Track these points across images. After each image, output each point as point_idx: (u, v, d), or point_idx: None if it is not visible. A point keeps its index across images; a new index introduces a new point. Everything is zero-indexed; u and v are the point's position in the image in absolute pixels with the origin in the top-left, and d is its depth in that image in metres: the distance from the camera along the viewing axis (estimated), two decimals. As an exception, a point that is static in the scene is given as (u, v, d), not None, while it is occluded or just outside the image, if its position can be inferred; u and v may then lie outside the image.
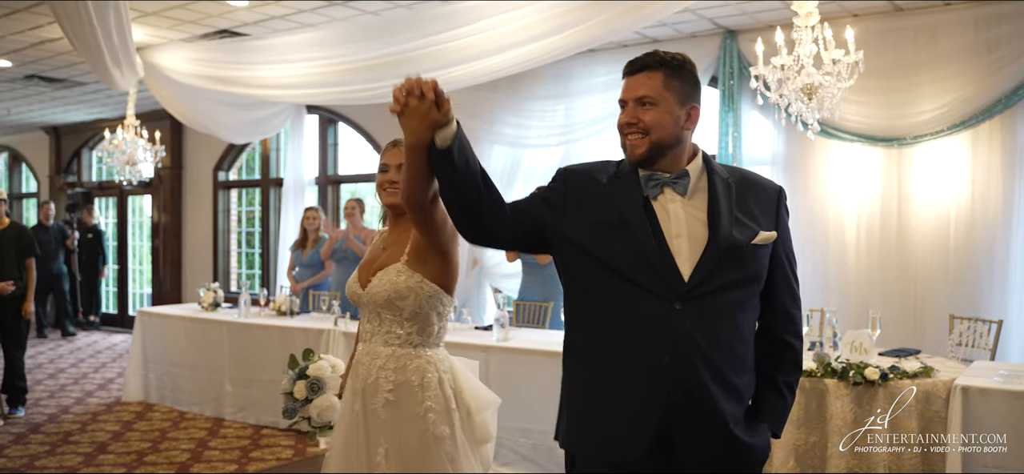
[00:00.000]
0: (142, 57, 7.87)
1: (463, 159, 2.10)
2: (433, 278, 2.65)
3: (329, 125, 10.22)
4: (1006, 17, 6.02)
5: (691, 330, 2.05)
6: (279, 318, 6.75)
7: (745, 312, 2.16)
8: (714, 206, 2.12)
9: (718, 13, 6.61)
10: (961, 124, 6.17)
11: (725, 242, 2.08)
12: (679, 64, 2.17)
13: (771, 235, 2.17)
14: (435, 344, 2.71)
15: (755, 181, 2.24)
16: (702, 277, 2.07)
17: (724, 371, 2.09)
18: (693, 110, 2.17)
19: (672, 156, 2.15)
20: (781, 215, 2.23)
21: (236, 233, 11.51)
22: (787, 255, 2.24)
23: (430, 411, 2.61)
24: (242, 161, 11.49)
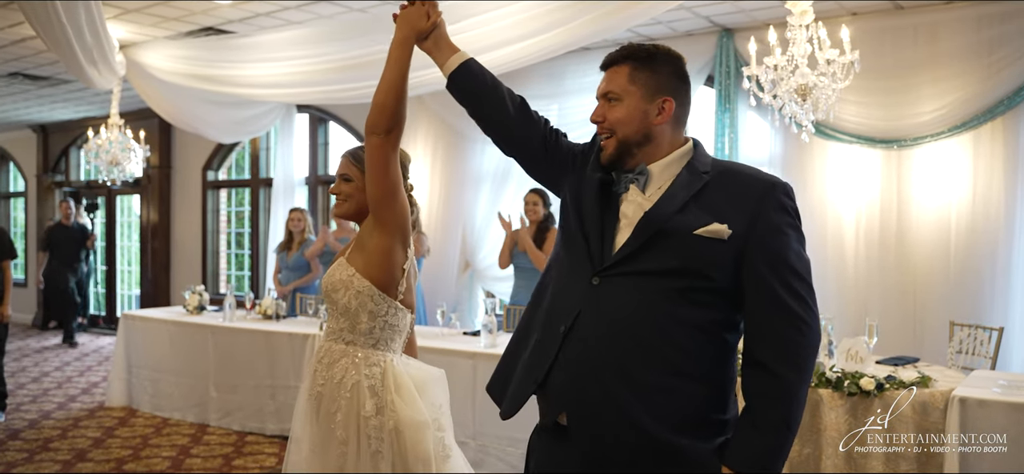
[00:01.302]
0: (125, 55, 7.79)
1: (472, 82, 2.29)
2: (366, 274, 2.60)
3: (320, 124, 10.15)
4: (1008, 16, 5.94)
5: (598, 305, 2.01)
6: (265, 322, 6.68)
7: (679, 306, 1.96)
8: (664, 194, 2.04)
9: (714, 11, 6.53)
10: (962, 126, 6.09)
11: (655, 223, 1.99)
12: (647, 55, 2.08)
13: (720, 228, 1.95)
14: (368, 344, 2.63)
15: (739, 174, 2.07)
16: (623, 256, 2.01)
17: (627, 359, 1.95)
18: (666, 104, 2.05)
19: (643, 154, 2.07)
20: (762, 213, 1.98)
21: (225, 234, 11.44)
22: (771, 261, 1.96)
23: (339, 412, 2.57)
24: (231, 161, 11.41)
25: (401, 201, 2.59)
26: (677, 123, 2.10)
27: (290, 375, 6.16)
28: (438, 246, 8.38)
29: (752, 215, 1.97)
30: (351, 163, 2.75)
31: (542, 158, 2.28)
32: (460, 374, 5.17)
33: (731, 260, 1.97)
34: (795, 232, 2.01)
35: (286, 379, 6.20)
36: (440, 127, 8.62)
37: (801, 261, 1.99)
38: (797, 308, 1.95)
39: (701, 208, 1.99)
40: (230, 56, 7.38)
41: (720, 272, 1.97)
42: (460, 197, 8.52)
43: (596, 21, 5.71)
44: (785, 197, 2.01)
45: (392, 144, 2.48)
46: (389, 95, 2.45)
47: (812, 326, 1.97)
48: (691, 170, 2.06)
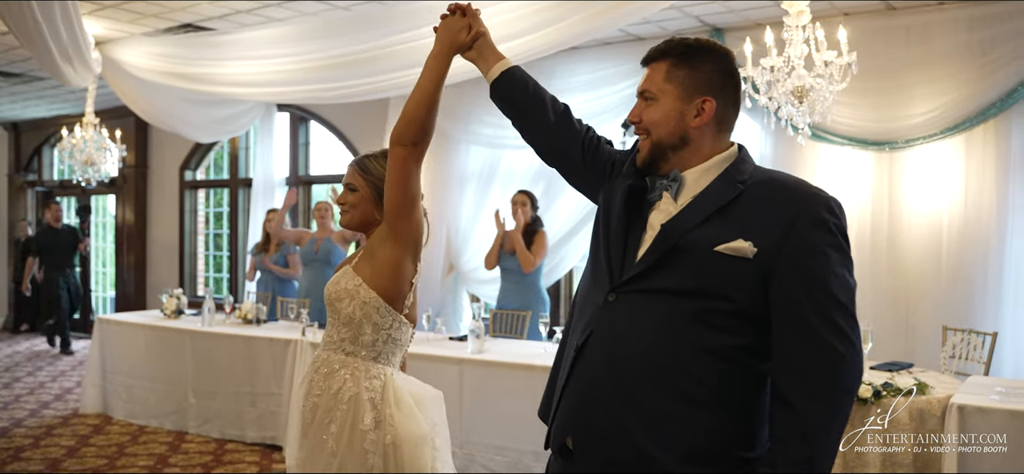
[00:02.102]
0: (101, 52, 7.68)
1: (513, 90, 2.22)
2: (373, 285, 2.55)
3: (300, 123, 10.05)
4: (1001, 17, 5.93)
5: (610, 324, 1.90)
6: (245, 326, 6.58)
7: (695, 329, 1.81)
8: (688, 205, 1.90)
9: (704, 10, 6.50)
10: (954, 127, 6.08)
11: (672, 236, 1.85)
12: (687, 51, 1.95)
13: (744, 246, 1.79)
14: (369, 357, 2.57)
15: (777, 186, 1.88)
16: (640, 271, 1.88)
17: (636, 384, 1.83)
18: (705, 104, 1.90)
19: (678, 158, 1.94)
20: (796, 230, 1.79)
21: (203, 235, 11.31)
22: (804, 284, 1.77)
23: (334, 423, 2.52)
24: (210, 160, 11.29)
25: (418, 214, 2.54)
26: (720, 126, 1.95)
27: (271, 381, 6.07)
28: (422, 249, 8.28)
29: (784, 232, 1.80)
30: (357, 173, 2.70)
31: (581, 167, 2.20)
32: (447, 380, 5.10)
33: (757, 281, 1.80)
34: (837, 253, 1.80)
35: (267, 386, 6.10)
36: (423, 126, 8.52)
37: (841, 286, 1.79)
38: (832, 338, 1.76)
39: (727, 222, 1.84)
40: (210, 54, 7.28)
41: (743, 294, 1.81)
42: (444, 198, 8.44)
43: (586, 21, 5.66)
44: (826, 213, 1.81)
45: (417, 157, 2.42)
46: (420, 107, 2.38)
47: (849, 359, 1.76)
48: (726, 179, 1.90)
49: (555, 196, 7.71)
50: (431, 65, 2.36)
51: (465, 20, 2.31)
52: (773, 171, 1.96)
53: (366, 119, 8.97)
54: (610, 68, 7.49)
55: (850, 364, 1.76)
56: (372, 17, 6.53)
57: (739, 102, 2.01)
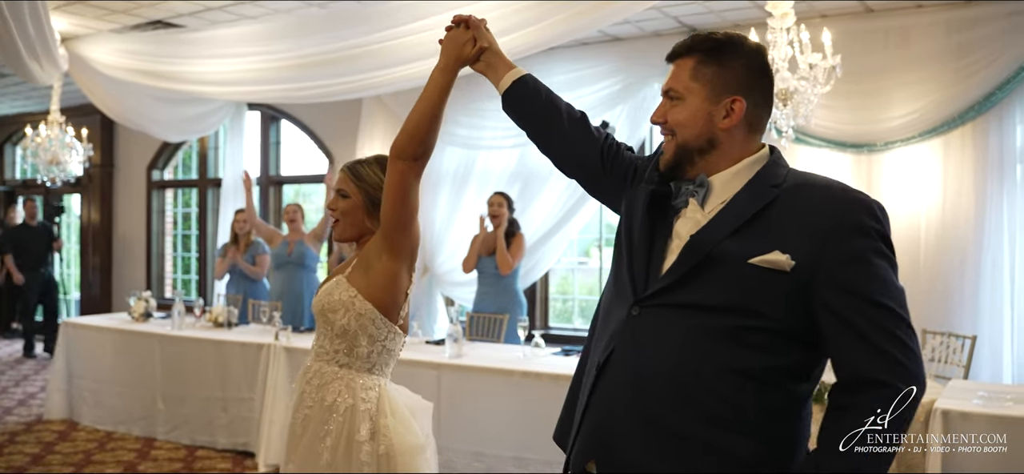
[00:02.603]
0: (67, 49, 7.53)
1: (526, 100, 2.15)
2: (369, 297, 2.52)
3: (271, 123, 9.93)
4: (978, 21, 5.99)
5: (634, 341, 1.80)
6: (215, 330, 6.48)
7: (725, 348, 1.71)
8: (719, 213, 1.79)
9: (683, 11, 6.49)
10: (932, 130, 6.13)
11: (702, 248, 1.75)
12: (715, 47, 1.84)
13: (780, 258, 1.68)
14: (365, 369, 2.55)
15: (814, 190, 1.76)
16: (666, 285, 1.78)
17: (660, 406, 1.73)
18: (735, 104, 1.80)
19: (706, 162, 1.84)
20: (834, 237, 1.68)
21: (171, 236, 11.15)
22: (848, 295, 1.66)
23: (329, 436, 2.50)
24: (178, 160, 11.13)
25: (416, 227, 2.53)
26: (750, 127, 1.85)
27: (243, 386, 5.98)
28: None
29: (822, 241, 1.68)
30: (350, 179, 2.66)
31: (601, 176, 2.11)
32: (424, 385, 5.03)
33: (796, 296, 1.69)
34: (881, 258, 1.69)
35: (239, 391, 6.00)
36: (397, 127, 8.33)
37: (890, 291, 1.68)
38: (890, 347, 1.65)
39: (760, 232, 1.73)
40: (180, 51, 7.16)
41: (779, 309, 1.70)
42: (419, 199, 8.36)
43: (566, 21, 5.62)
44: (868, 217, 1.70)
45: (417, 171, 2.39)
46: (422, 122, 2.33)
47: (911, 370, 1.65)
48: (757, 184, 1.79)
49: (531, 198, 7.68)
50: (435, 79, 2.29)
51: (469, 33, 2.22)
52: (809, 174, 1.84)
53: (339, 119, 8.89)
54: (587, 68, 7.47)
55: (910, 372, 1.65)
56: (347, 16, 6.45)
57: (771, 101, 1.90)
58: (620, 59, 7.28)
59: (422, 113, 2.31)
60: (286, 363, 5.71)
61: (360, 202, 2.62)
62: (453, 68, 2.26)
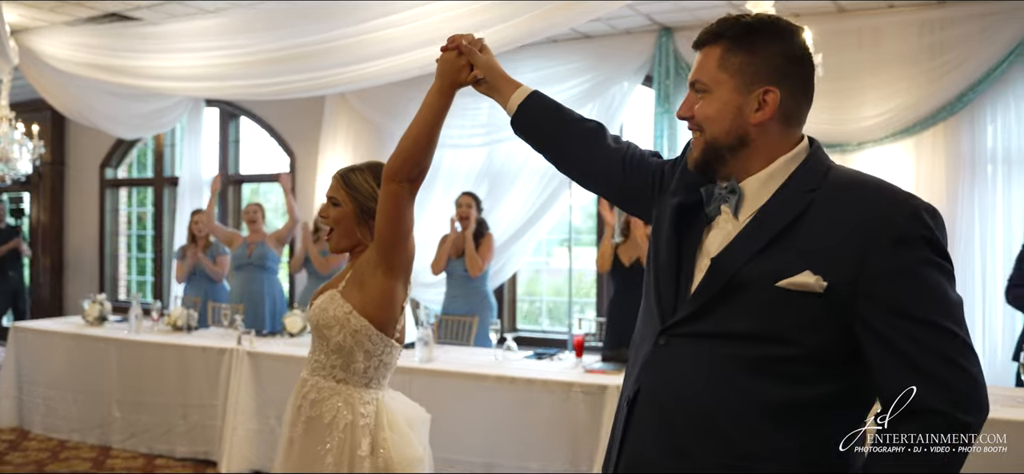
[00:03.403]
0: (18, 42, 7.31)
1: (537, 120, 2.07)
2: (364, 312, 2.48)
3: (230, 120, 9.74)
4: (950, 22, 6.04)
5: (661, 375, 1.68)
6: (174, 334, 6.31)
7: (756, 379, 1.57)
8: (746, 226, 1.64)
9: (655, 8, 6.46)
10: (905, 131, 6.18)
11: (725, 270, 1.60)
12: (745, 32, 1.65)
13: (810, 280, 1.53)
14: (361, 383, 2.53)
15: (855, 192, 1.58)
16: (691, 312, 1.64)
17: (691, 447, 1.61)
18: (768, 95, 1.63)
19: (738, 162, 1.67)
20: (875, 249, 1.51)
21: (125, 236, 10.89)
22: (898, 317, 1.50)
23: (329, 454, 2.47)
24: (132, 157, 10.87)
25: (411, 244, 2.50)
26: (787, 121, 1.66)
27: (204, 393, 5.82)
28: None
29: (861, 255, 1.51)
30: (341, 186, 2.61)
31: (625, 189, 1.99)
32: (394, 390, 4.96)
33: (833, 318, 1.54)
34: (929, 269, 1.50)
35: (200, 397, 5.85)
36: (362, 126, 8.36)
37: (941, 307, 1.50)
38: (940, 371, 1.49)
39: (792, 247, 1.57)
40: (137, 45, 6.98)
41: (814, 336, 1.55)
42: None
43: (536, 19, 5.56)
44: (913, 224, 1.51)
45: (412, 192, 2.36)
46: (417, 145, 2.27)
47: (970, 396, 1.48)
48: (791, 189, 1.62)
49: (499, 198, 7.62)
50: (431, 102, 2.23)
51: (463, 59, 2.14)
52: (850, 172, 1.66)
53: (301, 116, 8.75)
54: (557, 66, 7.42)
55: (967, 397, 1.48)
56: (310, 11, 6.32)
57: (811, 90, 1.70)
58: (590, 57, 7.23)
59: (417, 136, 2.25)
60: (249, 368, 5.58)
61: (351, 211, 2.59)
62: (449, 92, 2.20)
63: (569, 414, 4.56)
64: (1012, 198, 5.97)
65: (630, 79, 7.16)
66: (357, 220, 2.58)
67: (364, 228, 2.57)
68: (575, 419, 4.55)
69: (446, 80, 2.17)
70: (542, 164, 7.43)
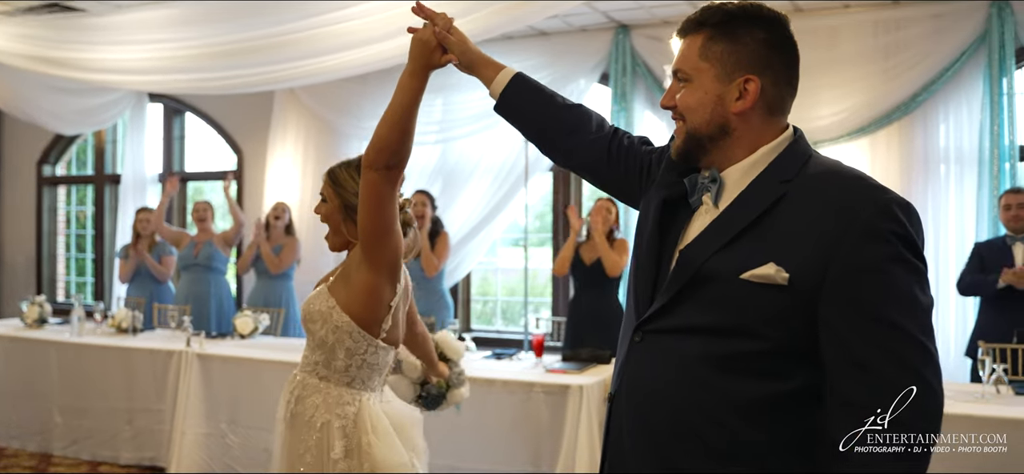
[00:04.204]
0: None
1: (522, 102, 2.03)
2: (347, 309, 2.44)
3: (175, 116, 9.52)
4: (904, 22, 6.15)
5: (636, 371, 1.68)
6: (119, 336, 6.14)
7: (725, 375, 1.56)
8: (716, 219, 1.64)
9: (612, 7, 6.46)
10: (860, 130, 6.27)
11: (692, 263, 1.60)
12: (726, 19, 1.64)
13: (772, 272, 1.51)
14: (342, 382, 2.49)
15: (828, 184, 1.56)
16: (661, 306, 1.63)
17: (664, 446, 1.61)
18: (749, 84, 1.61)
19: (719, 151, 1.66)
20: (843, 244, 1.48)
21: (64, 236, 10.58)
22: (859, 314, 1.47)
23: (308, 452, 2.45)
24: (72, 154, 10.56)
25: (395, 238, 2.40)
26: (770, 110, 1.64)
27: (151, 397, 5.67)
28: (310, 251, 7.98)
29: (829, 248, 1.49)
30: (328, 183, 2.58)
31: (611, 178, 1.98)
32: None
33: (797, 313, 1.52)
34: (898, 267, 1.47)
35: (146, 401, 5.70)
36: (312, 122, 8.24)
37: (906, 307, 1.46)
38: (896, 375, 1.44)
39: (759, 240, 1.55)
40: (80, 37, 6.78)
41: (781, 329, 1.53)
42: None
43: (492, 16, 5.51)
44: (885, 218, 1.48)
45: (391, 181, 2.27)
46: (393, 131, 2.20)
47: (920, 398, 1.43)
48: (766, 180, 1.61)
49: (454, 195, 7.55)
50: (404, 84, 2.17)
51: (435, 41, 2.08)
52: (829, 162, 1.64)
53: (249, 112, 8.60)
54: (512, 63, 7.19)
55: (923, 404, 1.43)
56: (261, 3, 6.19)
57: (795, 78, 1.69)
58: (547, 54, 7.21)
59: (392, 121, 2.20)
60: (199, 371, 5.45)
61: (337, 207, 2.55)
62: (421, 74, 2.14)
63: (530, 414, 4.53)
64: (964, 197, 6.08)
65: (587, 77, 7.15)
66: (343, 216, 2.54)
67: (350, 224, 2.52)
68: (537, 419, 4.52)
69: (419, 62, 2.12)
70: (497, 162, 7.41)
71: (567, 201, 7.55)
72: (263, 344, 5.85)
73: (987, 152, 5.90)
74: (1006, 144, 5.86)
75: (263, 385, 5.24)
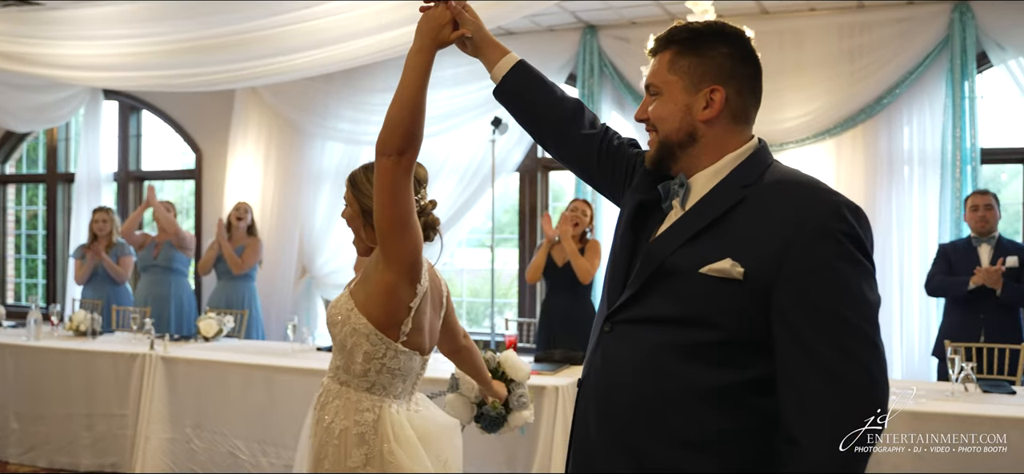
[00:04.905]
0: (-100, 25, 6.85)
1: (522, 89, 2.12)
2: (365, 310, 2.38)
3: (131, 113, 9.34)
4: (869, 26, 6.26)
5: (604, 359, 1.80)
6: (78, 340, 6.00)
7: (687, 364, 1.66)
8: (680, 218, 1.76)
9: (580, 7, 6.48)
10: (825, 132, 6.36)
11: (656, 257, 1.72)
12: (693, 36, 1.79)
13: (728, 266, 1.63)
14: (362, 387, 2.43)
15: (785, 190, 1.68)
16: (627, 298, 1.76)
17: (629, 430, 1.71)
18: (714, 94, 1.74)
19: (688, 158, 1.78)
20: (796, 243, 1.59)
21: (14, 236, 10.33)
22: (804, 306, 1.58)
23: (326, 459, 2.41)
24: (22, 152, 10.31)
25: (412, 233, 2.30)
26: (735, 119, 1.77)
27: (112, 402, 5.54)
28: (272, 251, 7.90)
29: (782, 247, 1.60)
30: (348, 188, 2.53)
31: (596, 169, 2.09)
32: (322, 396, 4.84)
33: (754, 305, 1.62)
34: (846, 265, 1.58)
35: (107, 406, 5.57)
36: (274, 121, 8.14)
37: (852, 303, 1.57)
38: (839, 365, 1.55)
39: (719, 238, 1.67)
40: (36, 32, 6.64)
41: (736, 321, 1.64)
42: (297, 198, 8.08)
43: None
44: (834, 220, 1.60)
45: (405, 167, 2.18)
46: (404, 110, 2.13)
47: (859, 386, 1.55)
48: (728, 184, 1.72)
49: (420, 197, 7.50)
50: (412, 62, 2.13)
51: (448, 15, 2.11)
52: (787, 170, 1.76)
53: (208, 110, 8.48)
54: (476, 63, 7.29)
55: (863, 394, 1.55)
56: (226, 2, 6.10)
57: (758, 89, 1.82)
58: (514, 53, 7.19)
59: (402, 101, 2.13)
60: (164, 375, 5.36)
61: (356, 212, 2.50)
62: (429, 50, 2.13)
63: (506, 416, 4.51)
64: (927, 198, 6.21)
65: (554, 77, 7.16)
66: (363, 221, 2.49)
67: (369, 230, 2.45)
68: (512, 421, 4.50)
69: (428, 37, 2.11)
70: (463, 162, 7.39)
71: (533, 202, 7.57)
72: (229, 346, 5.76)
73: (949, 154, 6.03)
74: (968, 147, 6.00)
75: (230, 389, 5.17)
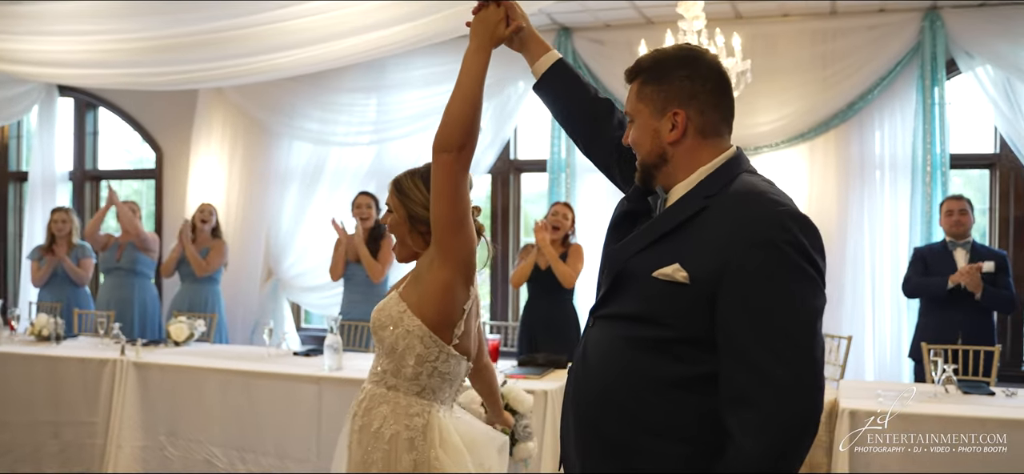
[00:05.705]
0: None
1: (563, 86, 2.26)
2: (419, 312, 2.38)
3: (87, 110, 9.12)
4: (842, 32, 6.37)
5: (584, 351, 1.96)
6: (42, 345, 5.84)
7: (646, 357, 1.79)
8: (643, 227, 1.91)
9: (555, 8, 6.48)
10: (798, 136, 6.46)
11: (618, 260, 1.90)
12: (655, 65, 1.90)
13: (674, 271, 1.74)
14: (412, 392, 2.41)
15: (734, 203, 1.77)
16: (601, 296, 1.95)
17: (601, 416, 1.86)
18: (677, 117, 1.85)
19: (664, 176, 1.91)
20: (737, 250, 1.69)
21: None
22: (741, 309, 1.68)
23: (374, 465, 2.39)
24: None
25: (469, 230, 2.34)
26: (704, 134, 1.86)
27: (80, 409, 5.40)
28: (237, 253, 7.77)
29: (726, 254, 1.70)
30: (393, 193, 2.52)
31: (617, 171, 2.23)
32: (304, 400, 4.80)
33: (700, 308, 1.73)
34: (786, 272, 1.67)
35: (75, 413, 5.42)
36: (239, 120, 8.01)
37: (787, 309, 1.67)
38: (771, 367, 1.64)
39: (674, 245, 1.79)
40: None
41: (687, 321, 1.75)
42: (263, 199, 7.96)
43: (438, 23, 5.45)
44: (776, 230, 1.69)
45: (463, 163, 2.24)
46: (465, 106, 2.21)
47: (791, 391, 1.64)
48: (693, 196, 1.83)
49: (389, 198, 7.45)
50: (471, 60, 2.22)
51: (501, 11, 2.23)
52: (751, 182, 1.82)
53: (168, 107, 8.32)
54: (450, 64, 7.33)
55: (792, 396, 1.64)
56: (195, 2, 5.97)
57: (724, 103, 1.89)
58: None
59: (462, 99, 2.20)
60: (136, 380, 5.24)
61: (402, 218, 2.49)
62: (487, 48, 2.22)
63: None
64: (898, 202, 6.34)
65: (526, 79, 7.15)
66: (409, 228, 2.48)
67: (416, 236, 2.47)
68: (501, 425, 4.49)
69: (485, 36, 2.21)
70: (436, 163, 7.34)
71: (506, 204, 7.56)
72: (201, 351, 5.65)
73: (920, 160, 6.17)
74: (937, 152, 6.14)
75: (205, 395, 5.07)
